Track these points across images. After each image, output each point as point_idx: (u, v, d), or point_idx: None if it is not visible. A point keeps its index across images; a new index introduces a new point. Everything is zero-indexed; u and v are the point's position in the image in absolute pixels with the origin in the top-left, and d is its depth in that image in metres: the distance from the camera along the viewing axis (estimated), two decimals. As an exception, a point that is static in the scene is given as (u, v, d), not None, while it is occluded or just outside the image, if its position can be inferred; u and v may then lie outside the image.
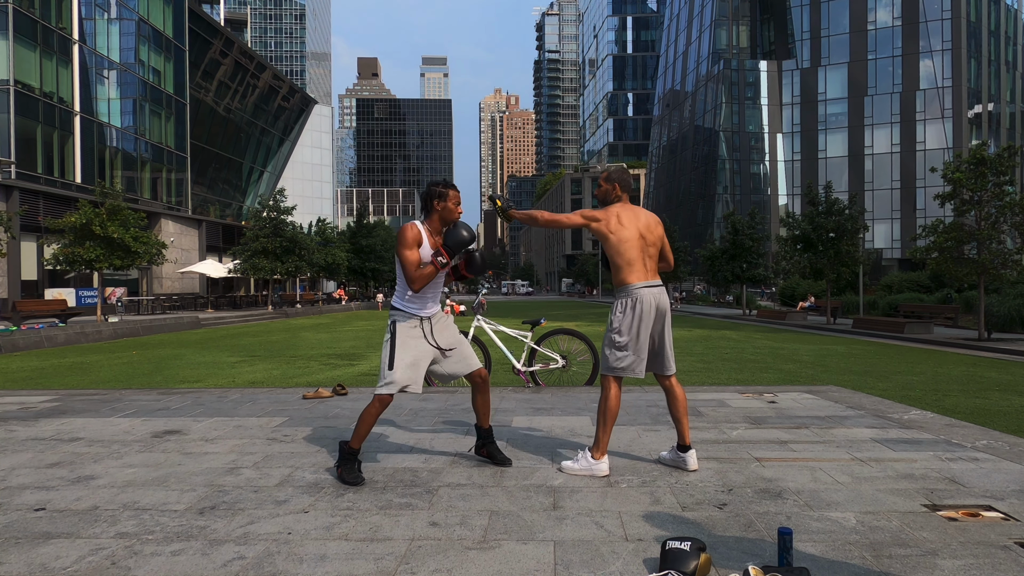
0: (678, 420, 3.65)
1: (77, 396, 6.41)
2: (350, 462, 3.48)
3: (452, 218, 3.54)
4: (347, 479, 3.43)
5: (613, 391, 3.56)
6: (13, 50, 24.71)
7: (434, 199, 3.52)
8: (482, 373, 3.70)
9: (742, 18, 63.60)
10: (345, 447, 3.52)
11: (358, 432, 3.48)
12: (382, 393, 3.41)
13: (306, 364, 10.50)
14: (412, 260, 3.40)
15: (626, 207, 3.67)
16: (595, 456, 3.55)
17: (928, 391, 7.56)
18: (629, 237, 3.56)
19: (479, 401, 3.75)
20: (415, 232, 3.43)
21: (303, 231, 33.73)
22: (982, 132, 53.34)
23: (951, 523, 2.83)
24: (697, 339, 15.69)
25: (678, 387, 3.67)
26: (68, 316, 19.11)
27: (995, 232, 14.75)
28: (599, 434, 3.56)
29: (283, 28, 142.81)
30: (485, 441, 3.82)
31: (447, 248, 3.44)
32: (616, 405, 3.56)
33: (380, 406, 3.45)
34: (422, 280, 3.41)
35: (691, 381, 8.37)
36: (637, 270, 3.55)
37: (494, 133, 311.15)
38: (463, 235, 3.44)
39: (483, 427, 3.81)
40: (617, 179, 3.72)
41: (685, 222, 66.85)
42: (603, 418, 3.56)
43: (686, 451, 3.65)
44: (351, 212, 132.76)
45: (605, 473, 3.53)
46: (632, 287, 3.54)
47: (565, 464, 3.64)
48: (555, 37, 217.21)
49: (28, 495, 3.27)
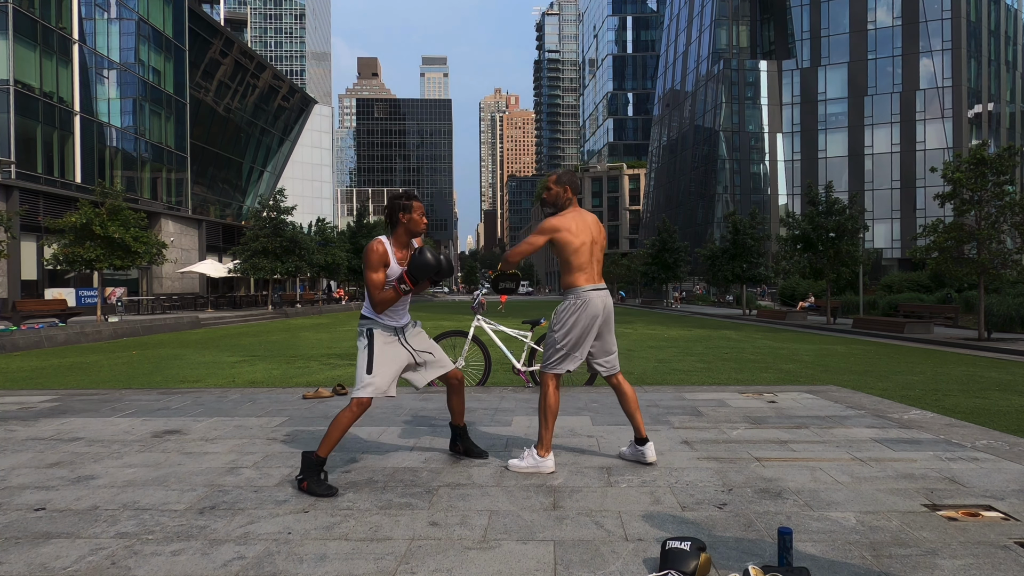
0: (631, 415, 3.76)
1: (77, 396, 6.41)
2: (315, 473, 3.29)
3: (418, 229, 3.51)
4: (318, 491, 3.23)
5: (552, 388, 3.65)
6: (13, 50, 24.70)
7: (398, 211, 3.47)
8: (457, 375, 3.78)
9: (742, 18, 63.58)
10: (311, 457, 3.31)
11: (329, 438, 3.34)
12: (361, 396, 3.36)
13: (306, 364, 10.50)
14: (376, 283, 3.37)
15: (578, 212, 3.74)
16: (540, 453, 3.63)
17: (928, 391, 7.56)
18: (583, 243, 3.65)
19: (455, 401, 3.87)
20: (380, 252, 3.38)
21: (303, 231, 33.73)
22: (982, 132, 53.33)
23: (951, 523, 2.83)
24: (697, 339, 15.69)
25: (626, 384, 3.79)
26: (68, 316, 19.11)
27: (995, 232, 14.75)
28: (542, 431, 3.64)
29: (283, 28, 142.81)
30: (459, 438, 3.96)
31: (410, 275, 3.37)
32: (556, 402, 3.65)
33: (359, 410, 3.36)
34: (384, 304, 3.40)
35: (691, 381, 8.37)
36: (586, 273, 3.66)
37: (494, 133, 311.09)
38: (427, 259, 3.35)
39: (458, 425, 3.94)
40: (567, 182, 3.79)
41: (685, 222, 66.83)
42: (544, 415, 3.64)
43: (644, 444, 3.76)
44: (351, 212, 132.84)
45: (551, 470, 3.61)
46: (580, 290, 3.64)
47: (512, 463, 3.69)
48: (555, 37, 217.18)
49: (28, 495, 3.27)
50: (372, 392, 3.37)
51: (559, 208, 3.80)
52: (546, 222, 3.69)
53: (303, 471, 3.32)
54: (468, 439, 3.98)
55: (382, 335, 3.48)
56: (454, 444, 4.00)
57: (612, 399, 5.95)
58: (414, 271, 3.36)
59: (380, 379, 3.40)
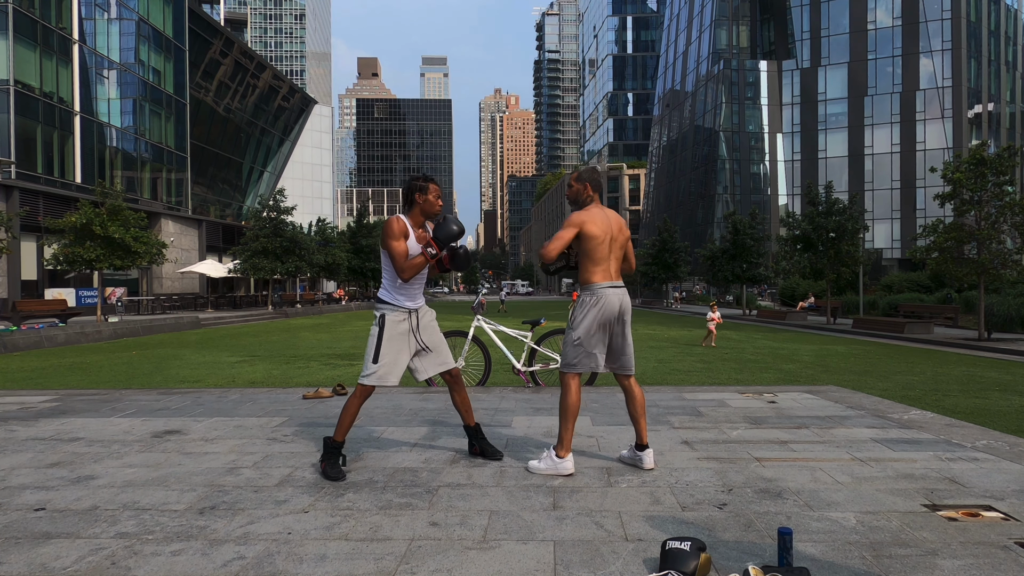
0: (636, 420, 3.72)
1: (77, 396, 6.41)
2: (334, 457, 3.57)
3: (433, 211, 3.67)
4: (330, 474, 3.49)
5: (573, 388, 3.62)
6: (13, 50, 24.71)
7: (415, 192, 3.64)
8: (454, 372, 3.83)
9: (742, 18, 63.56)
10: (330, 442, 3.60)
11: (342, 424, 3.58)
12: (365, 384, 3.56)
13: (306, 364, 10.50)
14: (400, 250, 3.51)
15: (600, 208, 3.74)
16: (560, 454, 3.60)
17: (928, 391, 7.56)
18: (602, 239, 3.64)
19: (458, 400, 3.88)
20: (401, 224, 3.56)
21: (303, 231, 33.73)
22: (982, 132, 53.32)
23: (951, 523, 2.83)
24: (697, 339, 15.68)
25: (637, 387, 3.74)
26: (68, 316, 19.11)
27: (995, 232, 14.75)
28: (561, 431, 3.61)
29: (283, 28, 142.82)
30: (474, 438, 3.95)
31: (437, 240, 3.54)
32: (576, 402, 3.61)
33: (363, 396, 3.58)
34: (412, 270, 3.52)
35: (691, 381, 8.37)
36: (603, 270, 3.64)
37: (494, 133, 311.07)
38: (453, 228, 3.54)
39: (469, 425, 3.94)
40: (588, 179, 3.78)
41: (685, 222, 66.82)
42: (564, 415, 3.61)
43: (643, 450, 3.73)
44: (351, 212, 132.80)
45: (570, 471, 3.57)
46: (597, 286, 3.62)
47: (531, 464, 3.65)
48: (555, 37, 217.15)
49: (28, 495, 3.27)
50: (375, 380, 3.54)
51: (580, 205, 3.80)
52: (572, 216, 3.71)
53: (325, 454, 3.59)
54: (483, 439, 3.95)
55: (394, 322, 3.59)
56: (472, 448, 3.98)
57: (612, 399, 5.95)
58: (439, 235, 3.53)
59: (384, 369, 3.54)
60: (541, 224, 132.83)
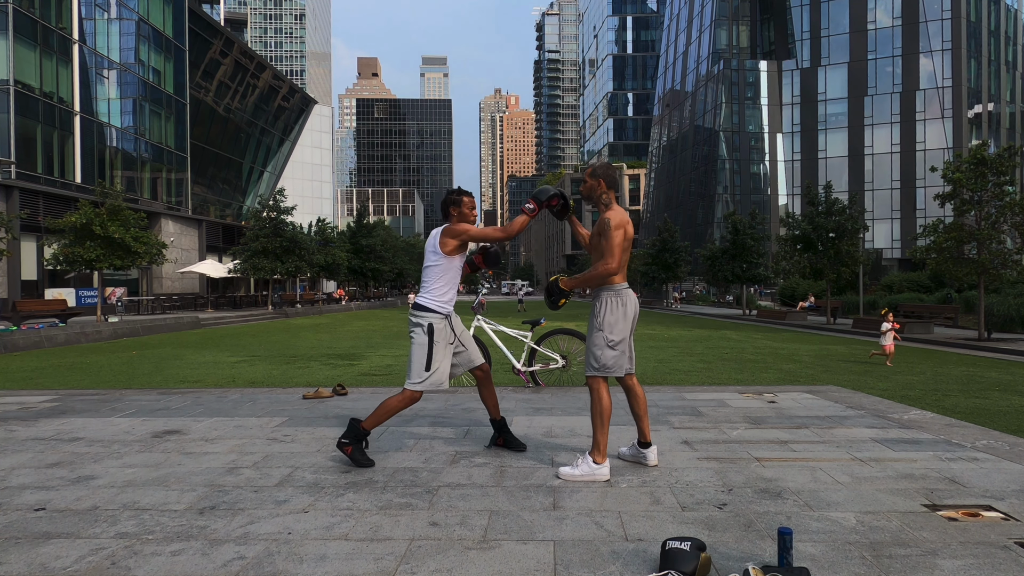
0: (639, 418, 3.71)
1: (77, 396, 6.41)
2: (359, 442, 3.69)
3: (468, 222, 3.86)
4: (361, 461, 3.63)
5: (605, 391, 3.53)
6: (13, 50, 24.69)
7: (450, 206, 3.86)
8: (484, 367, 3.97)
9: (742, 18, 63.56)
10: (358, 425, 3.70)
11: (377, 416, 3.69)
12: (415, 389, 3.65)
13: (306, 364, 10.50)
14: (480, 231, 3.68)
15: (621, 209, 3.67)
16: (597, 460, 3.48)
17: (928, 391, 7.56)
18: (631, 242, 3.62)
19: (485, 394, 4.01)
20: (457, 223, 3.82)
21: (303, 231, 33.72)
22: (982, 132, 53.32)
23: (951, 523, 2.83)
24: (697, 339, 15.68)
25: (638, 386, 3.73)
26: (68, 316, 19.10)
27: (995, 232, 14.75)
28: (597, 436, 3.50)
29: (283, 28, 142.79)
30: (499, 431, 4.10)
31: (535, 198, 3.72)
32: (610, 405, 3.53)
33: (410, 401, 3.70)
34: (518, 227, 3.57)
35: (691, 381, 8.37)
36: (623, 271, 3.61)
37: (494, 133, 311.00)
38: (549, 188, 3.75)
39: (496, 419, 4.08)
40: (602, 175, 3.67)
41: (685, 222, 66.80)
42: (599, 420, 3.50)
43: (647, 447, 3.73)
44: (351, 212, 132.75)
45: (607, 477, 3.47)
46: (619, 287, 3.58)
47: (564, 471, 3.50)
48: (555, 37, 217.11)
49: (28, 495, 3.27)
50: (429, 387, 3.63)
51: (594, 203, 3.68)
52: (612, 218, 3.52)
53: (349, 437, 3.68)
54: (508, 432, 4.12)
55: (441, 330, 3.68)
56: (495, 440, 4.12)
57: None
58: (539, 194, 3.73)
59: (438, 375, 3.66)
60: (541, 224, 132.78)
